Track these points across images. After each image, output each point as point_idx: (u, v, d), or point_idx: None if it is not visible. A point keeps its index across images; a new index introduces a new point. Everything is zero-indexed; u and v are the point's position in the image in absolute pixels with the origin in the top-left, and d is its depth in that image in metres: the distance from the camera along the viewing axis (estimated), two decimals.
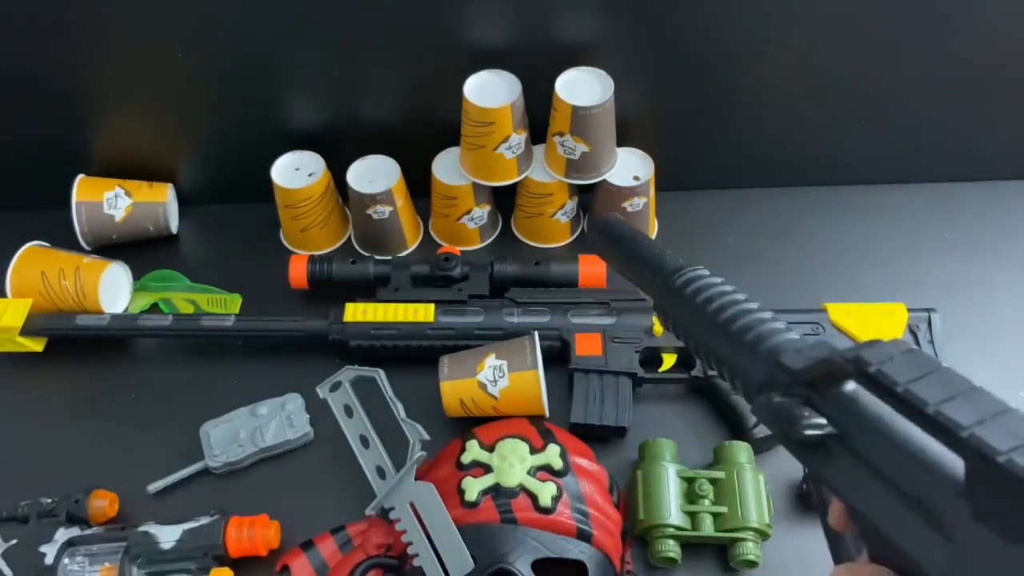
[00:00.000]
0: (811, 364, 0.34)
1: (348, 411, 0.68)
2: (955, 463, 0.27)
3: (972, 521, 0.26)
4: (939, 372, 0.29)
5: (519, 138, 0.82)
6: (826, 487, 0.34)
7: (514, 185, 0.88)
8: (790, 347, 0.36)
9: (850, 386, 0.33)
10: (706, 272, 0.42)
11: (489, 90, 0.80)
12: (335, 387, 0.68)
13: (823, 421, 0.32)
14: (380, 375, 0.68)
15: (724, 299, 0.40)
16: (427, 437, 0.66)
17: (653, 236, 0.92)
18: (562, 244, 0.91)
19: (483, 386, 0.72)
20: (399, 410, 0.68)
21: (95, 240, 0.89)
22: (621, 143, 0.85)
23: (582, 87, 0.79)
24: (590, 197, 0.89)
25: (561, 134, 0.80)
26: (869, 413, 0.31)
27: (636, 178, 0.84)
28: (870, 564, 0.32)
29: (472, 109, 0.79)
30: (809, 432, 0.32)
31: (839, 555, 0.36)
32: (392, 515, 0.64)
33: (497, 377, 0.72)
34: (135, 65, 0.83)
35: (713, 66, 0.83)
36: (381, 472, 0.66)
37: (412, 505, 0.64)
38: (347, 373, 0.69)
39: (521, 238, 0.92)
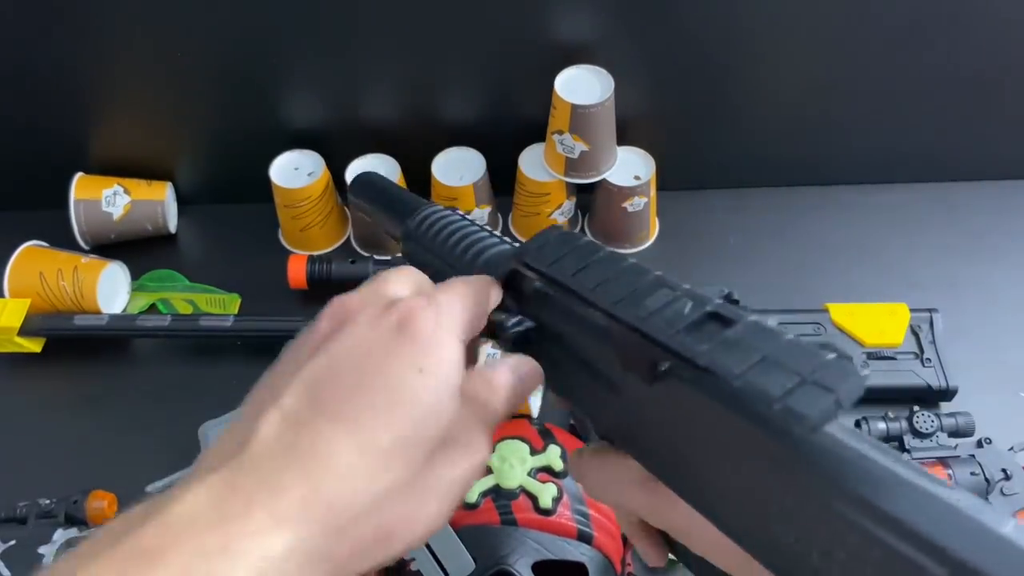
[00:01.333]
0: (503, 268, 0.36)
1: None
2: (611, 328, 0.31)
3: (623, 372, 0.30)
4: (579, 248, 0.33)
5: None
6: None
7: (513, 184, 0.88)
8: (495, 260, 0.38)
9: (537, 284, 0.35)
10: (441, 208, 0.43)
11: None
12: None
13: (520, 319, 0.35)
14: None
15: (451, 227, 0.42)
16: None
17: (654, 236, 0.91)
18: None
19: None
20: None
21: (93, 239, 0.89)
22: (621, 143, 0.85)
23: (582, 85, 0.79)
24: (590, 197, 0.89)
25: (560, 132, 0.80)
26: (554, 299, 0.34)
27: (637, 178, 0.84)
28: (595, 443, 0.34)
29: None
30: (515, 330, 0.35)
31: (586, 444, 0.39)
32: None
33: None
34: (134, 64, 0.82)
35: (714, 66, 0.83)
36: None
37: None
38: None
39: (519, 237, 0.92)
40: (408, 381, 0.28)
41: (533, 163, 0.86)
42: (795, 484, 0.23)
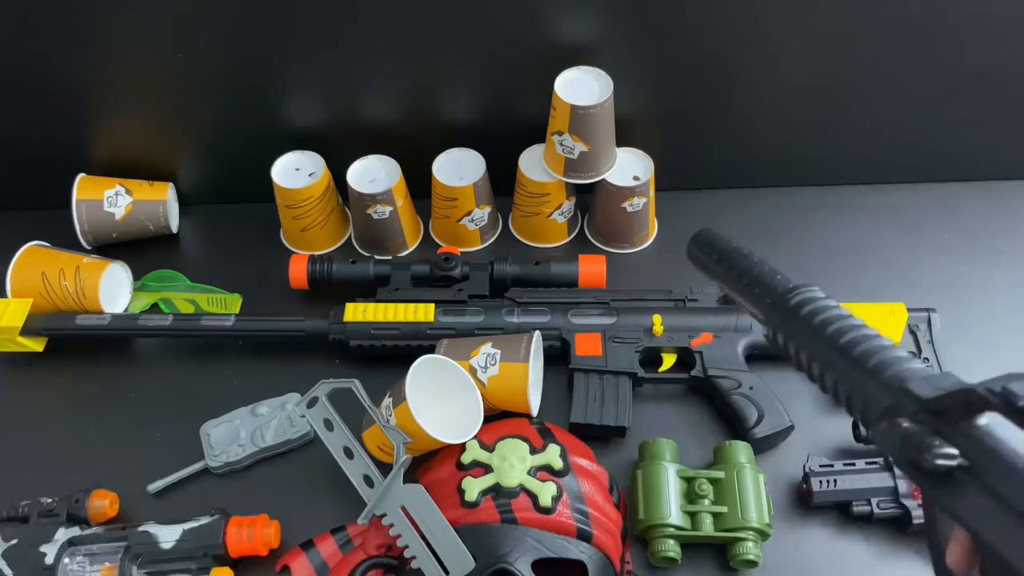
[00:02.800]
0: (942, 394, 0.33)
1: (328, 425, 0.68)
2: None
3: None
4: None
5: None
6: (951, 520, 0.33)
7: (513, 184, 0.88)
8: (918, 375, 0.36)
9: (985, 418, 0.32)
10: (821, 293, 0.41)
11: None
12: (312, 403, 0.68)
13: (955, 451, 0.31)
14: (356, 385, 0.67)
15: (843, 323, 0.39)
16: (411, 441, 0.66)
17: (653, 236, 0.92)
18: (559, 244, 0.91)
19: (474, 371, 0.72)
20: (379, 417, 0.68)
21: (95, 239, 0.89)
22: (621, 143, 0.85)
23: (581, 87, 0.79)
24: (590, 197, 0.89)
25: (560, 133, 0.81)
26: (1006, 446, 0.31)
27: (636, 178, 0.84)
28: None
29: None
30: (940, 462, 0.31)
31: None
32: (384, 521, 0.64)
33: (488, 364, 0.72)
34: (136, 65, 0.83)
35: (713, 66, 0.83)
36: (368, 480, 0.66)
37: (404, 509, 0.64)
38: (322, 388, 0.68)
39: (518, 237, 0.92)
40: None
41: (533, 163, 0.86)
42: None
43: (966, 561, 0.33)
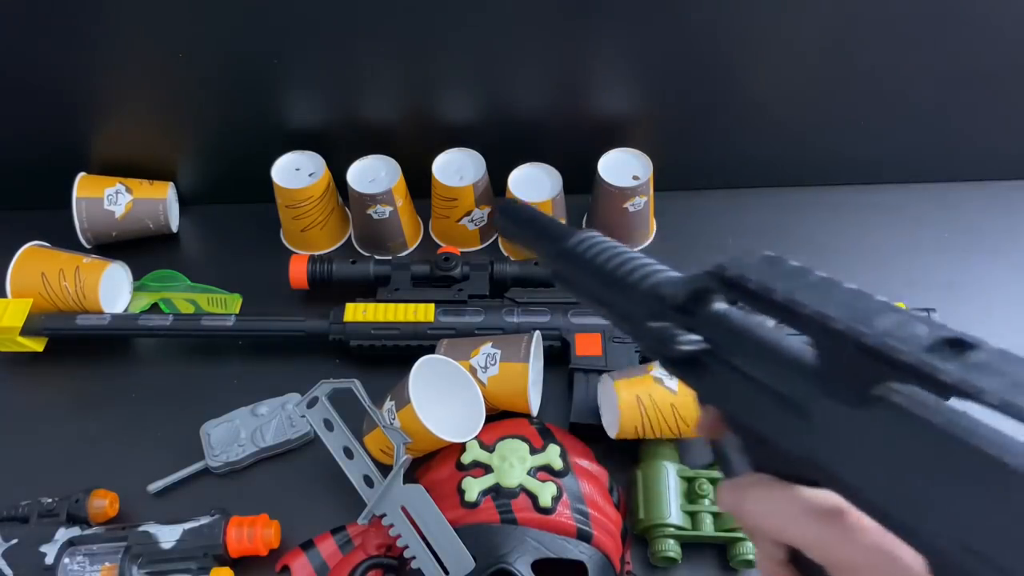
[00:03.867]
0: (681, 289, 0.36)
1: (328, 425, 0.68)
2: (808, 351, 0.30)
3: (824, 398, 0.29)
4: (789, 269, 0.32)
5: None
6: (702, 400, 0.36)
7: None
8: (668, 280, 0.38)
9: (720, 305, 0.35)
10: (598, 234, 0.44)
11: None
12: (312, 403, 0.68)
13: (695, 337, 0.35)
14: (356, 385, 0.67)
15: (611, 251, 0.42)
16: (411, 441, 0.66)
17: (652, 236, 0.92)
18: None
19: (474, 370, 0.72)
20: (380, 418, 0.68)
21: (95, 238, 0.89)
22: (621, 143, 0.85)
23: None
24: (589, 198, 0.89)
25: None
26: (737, 324, 0.34)
27: (635, 178, 0.84)
28: (751, 474, 0.34)
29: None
30: (681, 348, 0.35)
31: (727, 475, 0.38)
32: (384, 521, 0.64)
33: (488, 364, 0.72)
34: (136, 65, 0.83)
35: (712, 66, 0.83)
36: (368, 480, 0.66)
37: (404, 509, 0.64)
38: (322, 388, 0.68)
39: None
40: None
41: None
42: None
43: (712, 430, 0.37)
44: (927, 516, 0.26)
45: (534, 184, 0.85)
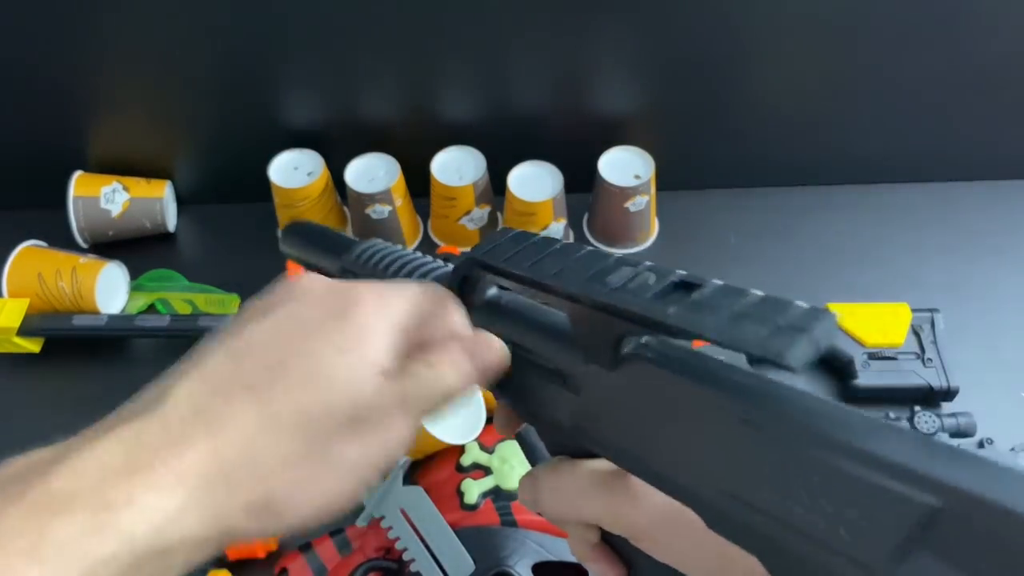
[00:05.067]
0: (452, 279, 0.36)
1: None
2: (564, 322, 0.31)
3: (585, 365, 0.29)
4: (533, 243, 0.32)
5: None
6: (493, 391, 0.36)
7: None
8: (442, 275, 0.39)
9: (492, 290, 0.36)
10: (380, 242, 0.44)
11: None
12: None
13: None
14: None
15: (391, 256, 0.42)
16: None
17: (654, 236, 0.91)
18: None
19: None
20: None
21: (92, 237, 0.89)
22: (622, 142, 0.85)
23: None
24: (591, 198, 0.89)
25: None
26: (507, 308, 0.34)
27: (637, 177, 0.84)
28: (545, 462, 0.34)
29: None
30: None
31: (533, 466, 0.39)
32: (383, 524, 0.64)
33: None
34: (133, 63, 0.82)
35: (714, 65, 0.83)
36: None
37: (404, 511, 0.64)
38: None
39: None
40: (327, 359, 0.29)
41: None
42: (770, 440, 0.23)
43: (507, 424, 0.37)
44: (686, 468, 0.25)
45: (534, 183, 0.84)
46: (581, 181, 0.86)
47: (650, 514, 0.29)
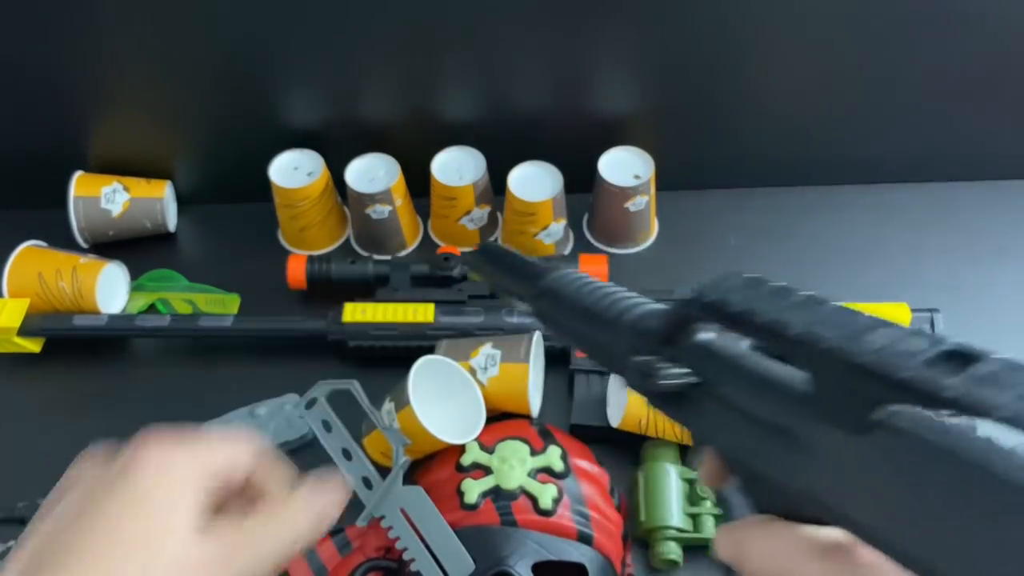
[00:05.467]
0: (663, 320, 0.34)
1: (327, 426, 0.67)
2: (800, 378, 0.28)
3: (820, 426, 0.27)
4: (771, 288, 0.30)
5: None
6: (696, 440, 0.35)
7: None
8: (649, 313, 0.37)
9: (704, 335, 0.33)
10: (574, 271, 0.43)
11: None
12: (311, 404, 0.68)
13: (682, 370, 0.33)
14: (355, 386, 0.67)
15: (591, 287, 0.41)
16: (410, 443, 0.65)
17: (653, 236, 0.91)
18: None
19: (474, 371, 0.72)
20: (379, 419, 0.67)
21: (92, 237, 0.89)
22: (621, 142, 0.85)
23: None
24: (591, 198, 0.89)
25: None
26: (723, 353, 0.32)
27: (637, 177, 0.84)
28: (751, 516, 0.32)
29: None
30: (666, 382, 0.33)
31: (730, 520, 0.36)
32: (383, 523, 0.64)
33: (488, 365, 0.72)
34: (134, 63, 0.82)
35: (714, 65, 0.83)
36: (367, 482, 0.66)
37: (403, 511, 0.64)
38: (321, 388, 0.67)
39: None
40: (124, 526, 0.29)
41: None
42: None
43: (713, 477, 0.35)
44: (949, 554, 0.23)
45: (535, 183, 0.84)
46: (581, 181, 0.86)
47: None
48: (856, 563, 0.27)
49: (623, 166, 0.85)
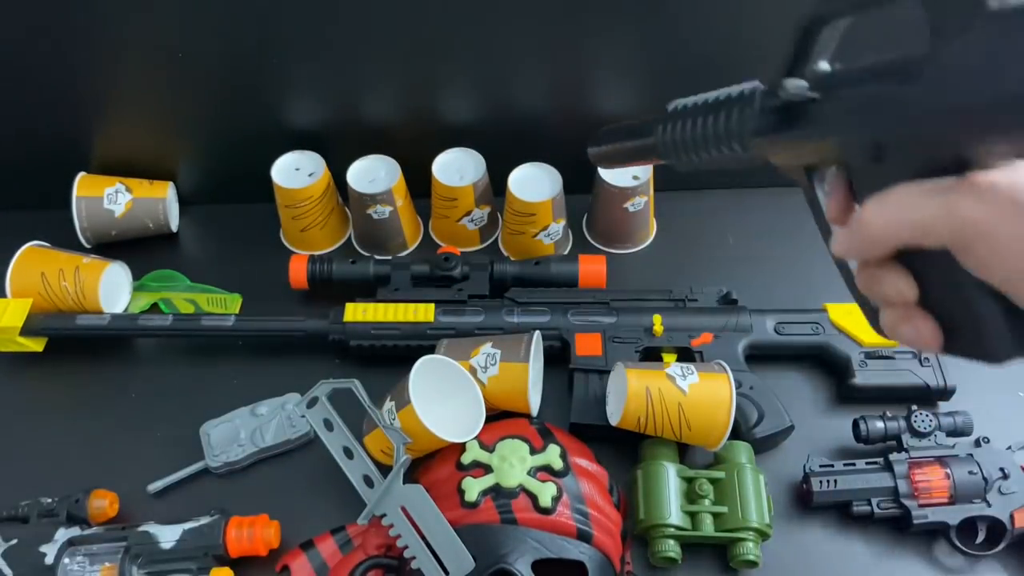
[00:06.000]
0: (784, 57, 0.37)
1: (328, 425, 0.68)
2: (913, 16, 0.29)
3: (933, 40, 0.27)
4: None
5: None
6: (815, 144, 0.37)
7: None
8: (753, 91, 0.42)
9: (823, 64, 0.36)
10: (679, 101, 0.48)
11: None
12: (312, 403, 0.68)
13: (803, 82, 0.35)
14: (356, 385, 0.67)
15: (692, 113, 0.45)
16: (411, 441, 0.66)
17: (652, 236, 0.92)
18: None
19: (474, 371, 0.72)
20: (380, 418, 0.68)
21: (95, 237, 0.89)
22: None
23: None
24: (590, 198, 0.89)
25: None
26: (847, 68, 0.34)
27: (635, 178, 0.84)
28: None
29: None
30: (795, 91, 0.35)
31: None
32: (384, 521, 0.64)
33: (488, 364, 0.72)
34: (137, 65, 0.83)
35: (712, 65, 0.83)
36: (368, 481, 0.66)
37: (404, 509, 0.64)
38: (322, 388, 0.68)
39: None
40: None
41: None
42: None
43: (843, 208, 0.37)
44: None
45: (534, 184, 0.85)
46: (581, 183, 0.87)
47: (996, 202, 0.27)
48: (975, 186, 0.27)
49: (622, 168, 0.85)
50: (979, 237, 0.28)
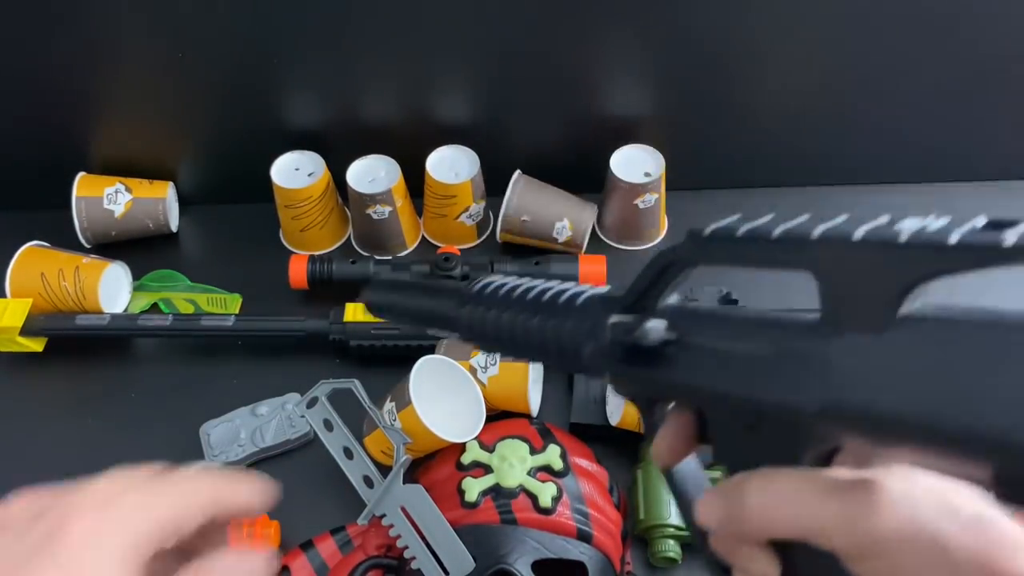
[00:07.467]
0: (633, 284, 0.32)
1: (328, 425, 0.68)
2: (791, 314, 0.28)
3: (837, 336, 0.26)
4: (761, 222, 0.29)
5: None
6: (676, 395, 0.32)
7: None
8: (605, 292, 0.35)
9: (673, 297, 0.32)
10: (496, 276, 0.40)
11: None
12: (312, 403, 0.68)
13: (662, 322, 0.31)
14: (356, 385, 0.67)
15: (524, 285, 0.38)
16: (411, 441, 0.66)
17: (663, 233, 0.91)
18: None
19: (474, 371, 0.72)
20: (380, 418, 0.67)
21: (95, 237, 0.89)
22: (632, 141, 0.85)
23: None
24: (601, 196, 0.89)
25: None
26: (702, 309, 0.31)
27: (647, 174, 0.84)
28: (738, 474, 0.29)
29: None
30: (652, 336, 0.30)
31: (686, 499, 0.35)
32: (384, 522, 0.64)
33: (488, 364, 0.72)
34: (136, 65, 0.83)
35: (720, 67, 0.83)
36: (368, 481, 0.66)
37: (404, 509, 0.64)
38: (322, 388, 0.68)
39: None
40: None
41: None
42: None
43: (682, 444, 0.33)
44: (990, 409, 0.22)
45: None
46: (595, 182, 0.87)
47: (896, 524, 0.24)
48: (877, 497, 0.24)
49: (634, 163, 0.85)
50: (880, 555, 0.25)
